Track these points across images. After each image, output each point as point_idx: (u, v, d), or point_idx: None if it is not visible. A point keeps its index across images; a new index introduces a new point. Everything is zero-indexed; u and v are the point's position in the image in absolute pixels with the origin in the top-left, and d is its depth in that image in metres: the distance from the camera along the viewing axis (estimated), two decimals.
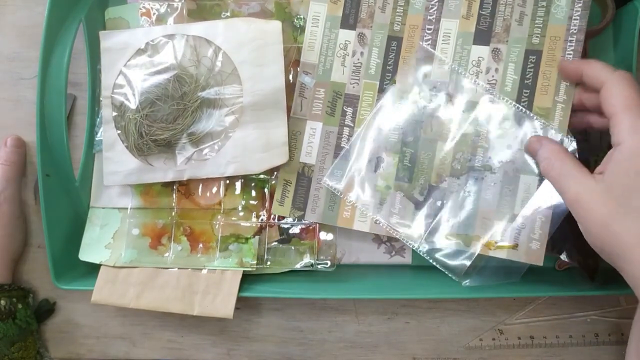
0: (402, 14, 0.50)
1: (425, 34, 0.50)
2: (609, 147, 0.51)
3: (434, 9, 0.50)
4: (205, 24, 0.53)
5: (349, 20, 0.51)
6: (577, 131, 0.48)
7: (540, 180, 0.48)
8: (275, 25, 0.52)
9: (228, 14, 0.54)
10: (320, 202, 0.51)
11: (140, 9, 0.54)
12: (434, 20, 0.50)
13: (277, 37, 0.52)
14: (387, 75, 0.50)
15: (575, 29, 0.48)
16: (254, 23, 0.52)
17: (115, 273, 0.52)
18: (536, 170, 0.48)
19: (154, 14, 0.54)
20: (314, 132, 0.52)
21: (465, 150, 0.49)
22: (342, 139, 0.51)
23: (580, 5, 0.48)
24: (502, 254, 0.48)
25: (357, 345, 0.57)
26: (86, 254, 0.54)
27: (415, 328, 0.57)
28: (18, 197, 0.56)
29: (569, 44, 0.48)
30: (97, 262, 0.53)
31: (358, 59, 0.51)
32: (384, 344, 0.57)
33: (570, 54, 0.48)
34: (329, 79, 0.51)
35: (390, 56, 0.50)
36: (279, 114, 0.52)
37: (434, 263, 0.49)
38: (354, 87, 0.51)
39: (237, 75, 0.52)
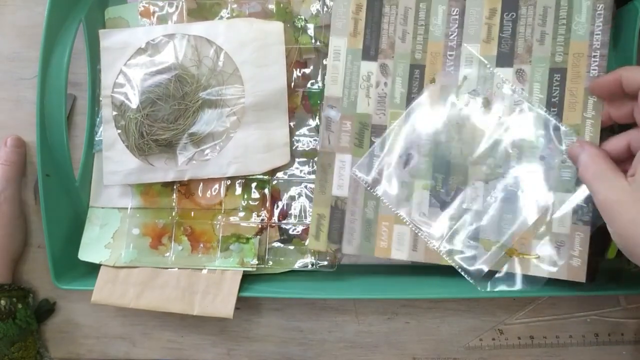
0: (422, 42, 0.50)
1: (447, 60, 0.50)
2: None
3: (454, 35, 0.50)
4: (206, 24, 0.53)
5: (370, 51, 0.51)
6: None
7: (576, 197, 0.48)
8: (277, 26, 0.52)
9: (229, 13, 0.54)
10: (356, 234, 0.51)
11: (140, 8, 0.54)
12: (454, 47, 0.50)
13: (279, 38, 0.52)
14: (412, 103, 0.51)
15: (597, 44, 0.48)
16: (255, 23, 0.52)
17: (115, 273, 0.52)
18: (568, 186, 0.48)
19: (154, 12, 0.54)
20: (343, 165, 0.51)
21: (497, 156, 0.49)
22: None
23: (601, 20, 0.47)
24: (542, 272, 0.48)
25: (357, 345, 0.57)
26: (86, 254, 0.54)
27: (415, 328, 0.57)
28: (18, 197, 0.56)
29: (592, 59, 0.48)
30: (97, 262, 0.53)
31: (382, 89, 0.51)
32: (384, 344, 0.57)
33: (595, 70, 0.48)
34: (355, 110, 0.51)
35: (414, 84, 0.51)
36: (280, 114, 0.52)
37: (453, 264, 0.49)
38: (380, 117, 0.51)
39: (238, 75, 0.52)
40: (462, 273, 0.49)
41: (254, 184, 0.54)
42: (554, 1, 0.48)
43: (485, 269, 0.49)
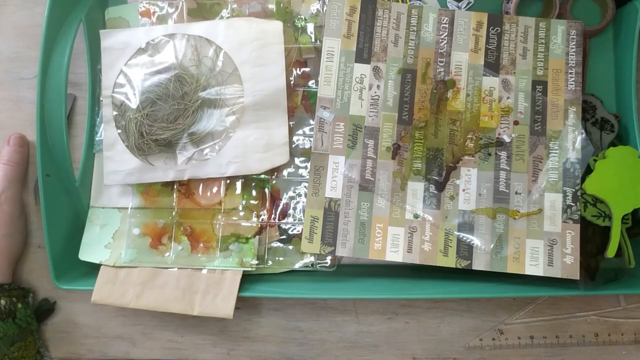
0: (414, 47, 0.52)
1: (438, 66, 0.52)
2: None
3: (444, 43, 0.52)
4: (206, 24, 0.53)
5: (363, 54, 0.52)
6: None
7: (565, 197, 0.49)
8: (277, 25, 0.52)
9: (229, 13, 0.54)
10: (350, 236, 0.51)
11: (140, 8, 0.54)
12: (444, 54, 0.52)
13: (278, 37, 0.52)
14: (405, 106, 0.51)
15: (573, 63, 0.51)
16: (255, 23, 0.52)
17: (115, 273, 0.52)
18: (557, 187, 0.50)
19: (154, 13, 0.54)
20: (337, 167, 0.51)
21: (476, 130, 0.51)
22: (366, 171, 0.51)
23: (574, 43, 0.51)
24: (538, 272, 0.49)
25: (357, 345, 0.57)
26: (86, 254, 0.54)
27: (415, 328, 0.57)
28: (19, 198, 0.56)
29: (569, 75, 0.51)
30: (97, 261, 0.53)
31: (375, 92, 0.52)
32: (384, 344, 0.57)
33: (572, 84, 0.51)
34: (348, 112, 0.52)
35: (407, 88, 0.52)
36: (279, 114, 0.52)
37: (462, 239, 0.50)
38: (373, 119, 0.51)
39: (237, 75, 0.52)
40: (473, 246, 0.50)
41: (253, 184, 0.54)
42: (534, 22, 0.52)
43: (491, 239, 0.50)
